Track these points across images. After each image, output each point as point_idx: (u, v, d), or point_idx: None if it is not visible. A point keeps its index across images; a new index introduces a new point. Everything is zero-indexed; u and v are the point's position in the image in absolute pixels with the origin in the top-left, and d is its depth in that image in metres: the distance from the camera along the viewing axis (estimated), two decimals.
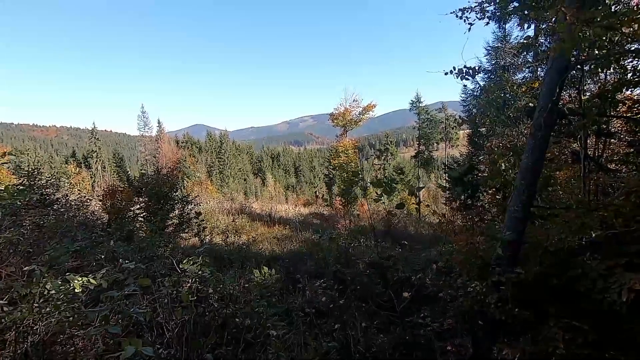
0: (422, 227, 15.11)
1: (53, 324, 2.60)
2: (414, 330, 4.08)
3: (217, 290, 3.20)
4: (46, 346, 2.60)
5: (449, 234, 6.26)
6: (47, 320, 2.58)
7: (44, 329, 2.56)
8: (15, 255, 3.86)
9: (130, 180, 34.44)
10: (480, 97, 13.92)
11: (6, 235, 3.80)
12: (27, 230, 4.93)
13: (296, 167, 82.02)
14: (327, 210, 23.46)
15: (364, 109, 31.94)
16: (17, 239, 4.08)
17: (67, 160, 61.36)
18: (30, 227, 5.21)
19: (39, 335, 2.56)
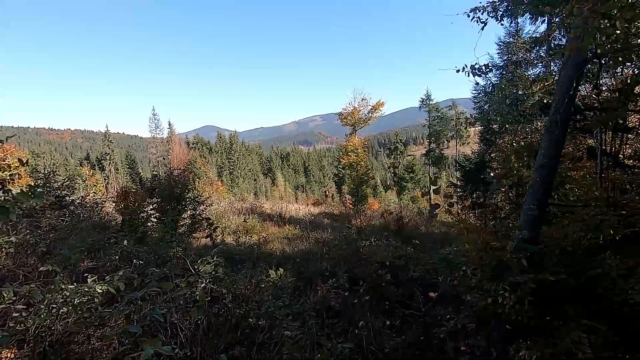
0: (433, 225, 14.95)
1: (70, 324, 2.65)
2: (427, 330, 4.04)
3: (231, 290, 3.21)
4: (63, 346, 2.65)
5: (460, 232, 6.18)
6: (64, 321, 2.63)
7: (61, 329, 2.61)
8: (32, 255, 3.95)
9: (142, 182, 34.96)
10: (492, 93, 13.71)
11: (23, 236, 3.90)
12: (43, 232, 5.04)
13: (305, 166, 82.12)
14: (337, 210, 23.42)
15: (373, 108, 31.77)
16: (34, 240, 4.18)
17: (81, 162, 62.65)
18: (47, 229, 5.33)
19: (57, 335, 2.61)
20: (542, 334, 2.92)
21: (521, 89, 7.58)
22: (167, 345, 1.74)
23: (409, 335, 4.00)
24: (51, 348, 2.51)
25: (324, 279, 5.94)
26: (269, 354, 2.64)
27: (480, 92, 16.03)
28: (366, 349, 3.55)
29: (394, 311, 4.74)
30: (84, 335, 2.72)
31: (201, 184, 32.55)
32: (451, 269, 5.61)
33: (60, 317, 2.54)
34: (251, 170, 65.92)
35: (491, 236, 4.15)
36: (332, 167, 70.39)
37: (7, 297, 2.43)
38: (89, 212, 7.92)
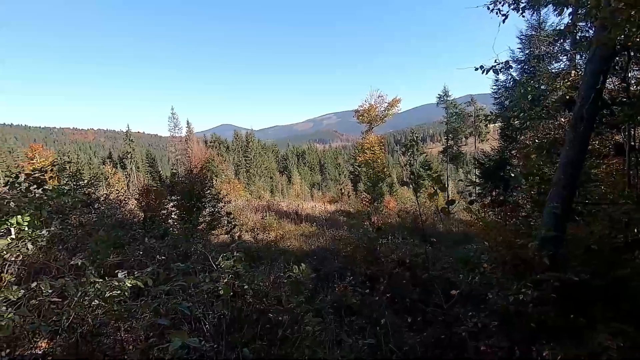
0: (451, 224, 14.75)
1: (100, 316, 2.76)
2: (448, 329, 4.00)
3: (251, 286, 3.27)
4: (94, 337, 2.77)
5: (480, 231, 6.08)
6: (94, 313, 2.74)
7: (91, 321, 2.73)
8: (64, 250, 4.13)
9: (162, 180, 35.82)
10: (513, 89, 13.36)
11: (55, 232, 4.08)
12: (72, 228, 5.26)
13: (321, 164, 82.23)
14: (353, 208, 23.37)
15: (389, 105, 31.52)
16: (65, 236, 4.38)
17: (104, 161, 64.68)
18: (75, 225, 5.56)
19: (88, 326, 2.73)
20: (566, 334, 2.86)
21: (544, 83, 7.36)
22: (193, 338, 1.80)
23: (428, 334, 3.97)
24: (83, 339, 2.62)
25: (341, 277, 5.96)
26: (290, 349, 2.68)
27: (500, 87, 15.66)
28: (385, 347, 3.55)
29: (413, 309, 4.71)
30: (113, 327, 2.83)
31: (219, 182, 33.10)
32: (471, 267, 5.53)
33: (92, 309, 2.65)
34: (267, 169, 66.50)
35: (513, 234, 4.08)
36: (348, 164, 70.23)
37: (44, 290, 2.56)
38: (113, 209, 8.19)
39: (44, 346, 2.54)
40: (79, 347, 2.59)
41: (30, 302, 2.64)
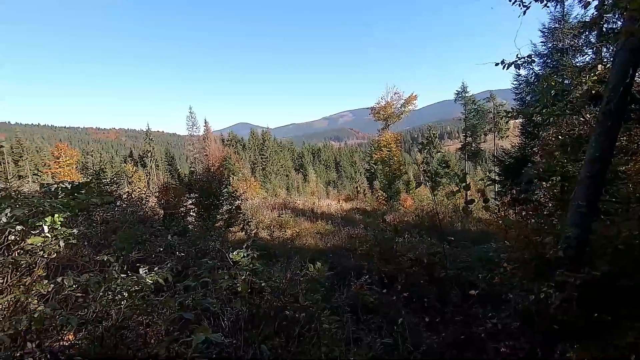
0: (469, 222, 14.48)
1: (123, 311, 2.85)
2: (466, 329, 3.94)
3: (268, 283, 3.31)
4: (118, 330, 2.87)
5: (499, 229, 5.95)
6: (118, 307, 2.84)
7: (115, 315, 2.82)
8: (89, 246, 4.28)
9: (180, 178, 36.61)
10: (535, 84, 12.97)
11: (80, 229, 4.23)
12: (96, 224, 5.44)
13: (337, 162, 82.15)
14: (369, 206, 23.26)
15: (405, 101, 31.18)
16: (90, 232, 4.53)
17: (125, 160, 66.54)
18: (99, 222, 5.75)
19: (112, 320, 2.82)
20: (591, 336, 2.77)
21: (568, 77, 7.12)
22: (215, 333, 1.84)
23: (446, 334, 3.93)
24: (107, 332, 2.71)
25: (358, 275, 5.95)
26: (306, 346, 2.70)
27: (522, 82, 15.21)
28: (402, 346, 3.53)
29: (430, 309, 4.66)
30: (136, 322, 2.91)
31: (236, 180, 33.55)
32: (490, 266, 5.42)
33: (115, 303, 2.74)
34: (283, 166, 66.90)
35: (534, 233, 3.98)
36: (364, 162, 69.91)
37: (67, 284, 2.67)
38: (135, 206, 8.42)
39: (71, 338, 2.64)
40: (104, 340, 2.69)
41: (58, 296, 2.76)
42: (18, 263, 2.63)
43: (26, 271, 2.74)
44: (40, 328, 2.36)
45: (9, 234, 2.73)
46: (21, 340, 2.30)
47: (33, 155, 56.33)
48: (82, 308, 2.60)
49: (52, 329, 2.50)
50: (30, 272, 2.75)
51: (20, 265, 2.67)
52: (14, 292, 2.50)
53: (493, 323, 3.85)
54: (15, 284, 2.63)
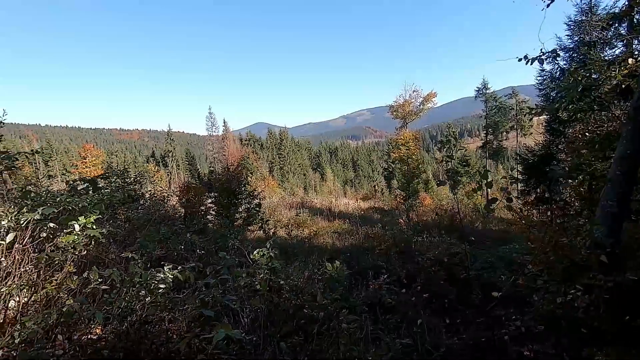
0: (490, 222, 14.14)
1: (147, 307, 2.94)
2: (487, 331, 3.86)
3: (286, 281, 3.34)
4: (142, 325, 2.96)
5: (523, 230, 5.78)
6: (141, 303, 2.92)
7: (139, 310, 2.91)
8: (114, 244, 4.43)
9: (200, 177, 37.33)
10: (560, 79, 12.51)
11: (107, 227, 4.38)
12: (121, 222, 5.63)
13: (354, 161, 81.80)
14: (387, 205, 23.05)
15: (424, 99, 30.76)
16: (115, 230, 4.69)
17: (147, 160, 68.42)
18: (123, 220, 5.94)
19: (136, 315, 2.91)
20: (622, 341, 2.65)
21: (596, 72, 6.83)
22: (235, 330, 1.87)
23: (467, 335, 3.85)
24: (132, 326, 2.80)
25: (376, 275, 5.92)
26: (325, 344, 2.71)
27: (546, 78, 14.68)
28: (421, 347, 3.48)
29: (450, 310, 4.59)
30: (158, 317, 3.00)
31: (254, 179, 33.90)
32: (513, 268, 5.28)
33: (139, 299, 2.82)
34: (301, 166, 67.16)
35: (560, 234, 3.84)
36: (382, 161, 69.33)
37: (93, 278, 2.78)
38: (157, 205, 8.65)
39: (98, 332, 2.74)
40: (129, 334, 2.78)
41: (84, 290, 2.87)
42: (50, 259, 2.76)
43: (57, 267, 2.87)
44: (70, 322, 2.47)
45: (41, 231, 2.86)
46: (52, 333, 2.41)
47: (62, 156, 58.79)
48: (108, 303, 2.69)
49: (80, 323, 2.60)
50: (61, 268, 2.87)
51: (53, 262, 2.79)
52: (47, 287, 2.62)
53: (516, 326, 3.75)
54: (47, 279, 2.75)
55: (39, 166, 48.62)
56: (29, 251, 2.80)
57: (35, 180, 7.16)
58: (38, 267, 2.82)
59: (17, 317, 2.54)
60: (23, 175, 7.68)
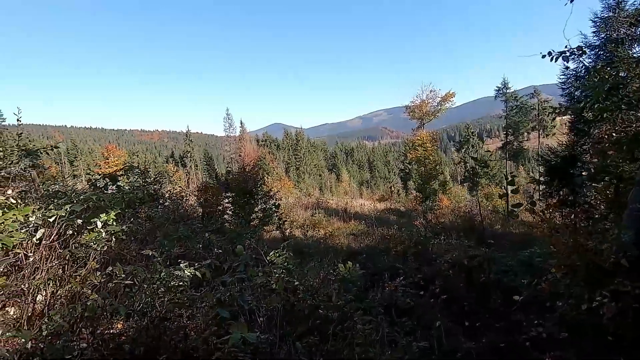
0: (511, 225, 13.79)
1: (166, 303, 3.01)
2: (507, 336, 3.76)
3: (302, 282, 3.35)
4: (161, 321, 3.03)
5: (545, 233, 5.61)
6: (161, 300, 2.99)
7: (159, 307, 2.98)
8: (135, 241, 4.54)
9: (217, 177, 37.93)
10: (585, 77, 12.08)
11: (128, 225, 4.50)
12: (142, 221, 5.77)
13: (370, 162, 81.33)
14: (403, 206, 22.83)
15: (442, 99, 30.32)
16: (136, 228, 4.81)
17: (167, 160, 69.98)
18: (144, 218, 6.08)
19: (156, 311, 2.98)
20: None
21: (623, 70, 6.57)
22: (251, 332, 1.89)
23: (486, 340, 3.77)
24: (152, 323, 2.87)
25: (392, 276, 5.86)
26: (340, 345, 2.70)
27: (570, 76, 14.19)
28: (438, 351, 3.43)
29: (468, 314, 4.49)
30: (177, 315, 3.06)
31: (270, 179, 34.18)
32: (534, 272, 5.13)
33: (159, 296, 2.89)
34: (316, 166, 67.27)
35: (584, 238, 3.71)
36: (398, 162, 68.72)
37: (117, 274, 2.87)
38: (176, 204, 8.83)
39: (120, 327, 2.82)
40: (149, 330, 2.85)
41: (107, 285, 2.96)
42: (75, 256, 2.85)
43: (82, 263, 2.97)
44: (93, 316, 2.55)
45: (67, 228, 2.96)
46: (77, 326, 2.49)
47: (86, 156, 60.86)
48: (130, 298, 2.77)
49: (103, 318, 2.69)
50: (85, 264, 2.97)
51: (77, 258, 2.89)
52: (71, 282, 2.72)
53: (538, 331, 3.64)
54: (72, 274, 2.85)
55: (65, 166, 50.51)
56: (56, 247, 2.91)
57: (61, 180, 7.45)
58: (63, 263, 2.92)
59: (45, 311, 2.65)
60: (50, 175, 7.98)
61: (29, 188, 4.14)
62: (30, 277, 2.72)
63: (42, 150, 4.84)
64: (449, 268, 5.81)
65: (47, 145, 5.01)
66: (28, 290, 2.68)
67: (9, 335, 2.27)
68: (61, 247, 2.98)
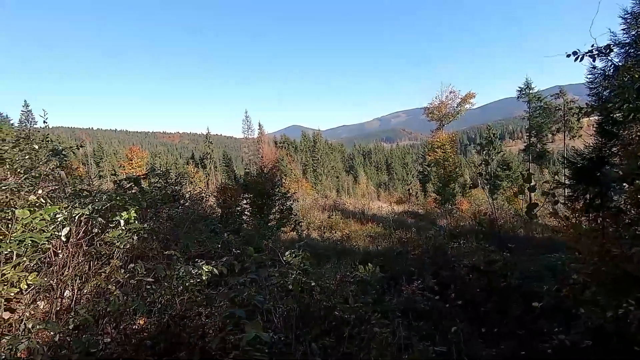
0: (533, 229, 13.38)
1: (185, 302, 3.08)
2: (527, 344, 3.65)
3: (318, 283, 3.36)
4: (181, 319, 3.10)
5: (571, 238, 5.41)
6: (180, 298, 3.07)
7: (179, 305, 3.06)
8: (157, 241, 4.67)
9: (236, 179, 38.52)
10: (614, 76, 11.59)
11: (150, 224, 4.64)
12: (163, 220, 5.92)
13: (388, 164, 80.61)
14: (422, 209, 22.51)
15: (462, 100, 29.77)
16: (158, 228, 4.95)
17: (187, 161, 71.55)
18: (165, 218, 6.25)
19: (176, 309, 3.06)
20: None
21: None
22: (265, 332, 1.92)
23: (505, 347, 3.67)
24: (172, 320, 2.95)
25: (409, 280, 5.80)
26: (356, 348, 2.70)
27: (597, 76, 13.66)
28: (456, 355, 3.37)
29: (487, 319, 4.39)
30: (196, 313, 3.13)
31: (288, 181, 34.42)
32: (557, 278, 4.96)
33: (178, 294, 2.97)
34: (334, 168, 67.22)
35: (612, 244, 3.57)
36: (416, 164, 67.89)
37: (139, 271, 2.96)
38: (196, 205, 9.03)
39: (142, 323, 2.91)
40: (170, 327, 2.93)
41: (130, 282, 3.06)
42: (99, 253, 2.97)
43: (106, 260, 3.08)
44: (117, 312, 2.64)
45: (93, 227, 3.09)
46: (101, 321, 2.59)
47: (111, 158, 63.01)
48: (151, 295, 2.85)
49: (126, 314, 2.78)
50: (109, 261, 3.08)
51: (101, 255, 3.00)
52: (97, 278, 2.82)
53: (560, 339, 3.52)
54: (97, 271, 2.96)
55: (91, 167, 52.46)
56: (82, 245, 3.04)
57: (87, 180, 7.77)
58: (89, 260, 3.04)
59: (72, 306, 2.76)
60: (77, 175, 8.32)
61: (57, 188, 4.32)
62: (59, 273, 2.85)
63: (69, 149, 5.06)
64: (467, 272, 5.70)
65: (72, 145, 5.24)
66: (57, 285, 2.80)
67: (39, 327, 2.38)
68: (87, 245, 3.11)
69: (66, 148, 5.02)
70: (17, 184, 3.20)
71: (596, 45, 3.79)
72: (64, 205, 3.08)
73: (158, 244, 4.63)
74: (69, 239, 2.94)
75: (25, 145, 4.50)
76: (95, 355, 2.17)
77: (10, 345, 2.12)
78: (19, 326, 2.46)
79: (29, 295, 2.65)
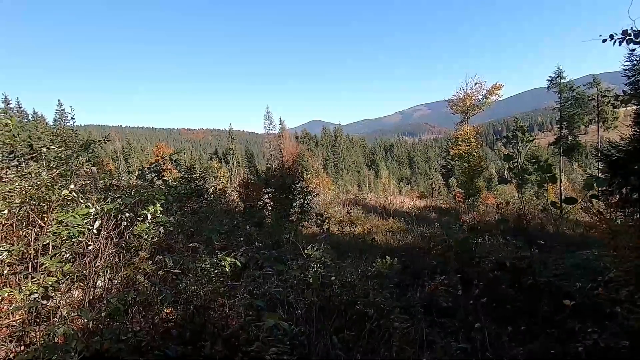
0: (564, 225, 12.85)
1: (209, 293, 3.17)
2: (558, 344, 3.52)
3: (338, 277, 3.37)
4: (205, 310, 3.19)
5: (605, 235, 5.16)
6: (205, 289, 3.16)
7: (203, 296, 3.14)
8: (182, 234, 4.81)
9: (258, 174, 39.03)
10: None
11: (175, 218, 4.78)
12: (188, 214, 6.10)
13: (410, 158, 79.42)
14: (445, 204, 22.07)
15: (488, 92, 28.79)
16: (182, 221, 5.10)
17: (211, 157, 73.19)
18: (190, 212, 6.42)
19: (201, 300, 3.15)
20: None
21: None
22: (285, 321, 1.94)
23: (534, 347, 3.55)
24: (197, 310, 3.04)
25: (432, 276, 5.70)
26: (377, 343, 2.69)
27: (636, 62, 12.87)
28: (481, 354, 3.29)
29: (514, 318, 4.26)
30: (219, 304, 3.21)
31: (309, 176, 34.52)
32: (590, 276, 4.75)
33: (203, 285, 3.05)
34: (355, 163, 66.91)
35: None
36: (440, 158, 66.52)
37: (167, 263, 3.06)
38: (219, 199, 9.23)
39: (168, 312, 3.02)
40: (195, 317, 3.02)
41: (157, 273, 3.18)
42: (128, 245, 3.09)
43: (134, 252, 3.20)
44: (145, 302, 2.75)
45: (122, 220, 3.21)
46: (131, 310, 2.70)
47: (139, 154, 65.35)
48: (176, 286, 2.95)
49: (154, 304, 2.88)
50: (137, 253, 3.20)
51: (130, 247, 3.12)
52: (126, 269, 2.94)
53: (594, 340, 3.37)
54: (127, 262, 3.09)
55: (120, 163, 54.63)
56: (112, 237, 3.17)
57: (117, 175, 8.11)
58: (119, 252, 3.17)
59: (103, 295, 2.89)
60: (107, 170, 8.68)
61: (89, 182, 4.53)
62: (91, 264, 2.98)
63: (97, 142, 5.30)
64: (493, 269, 5.53)
65: (99, 140, 5.51)
66: (89, 275, 2.94)
67: (74, 315, 2.51)
68: (117, 237, 3.24)
69: (95, 142, 5.25)
70: (51, 179, 3.36)
71: (634, 28, 3.54)
72: (95, 199, 3.22)
73: (183, 236, 4.78)
74: (100, 232, 3.07)
75: (60, 142, 4.74)
76: (125, 342, 2.26)
77: (48, 331, 2.25)
78: (56, 313, 2.61)
79: (65, 284, 2.79)
